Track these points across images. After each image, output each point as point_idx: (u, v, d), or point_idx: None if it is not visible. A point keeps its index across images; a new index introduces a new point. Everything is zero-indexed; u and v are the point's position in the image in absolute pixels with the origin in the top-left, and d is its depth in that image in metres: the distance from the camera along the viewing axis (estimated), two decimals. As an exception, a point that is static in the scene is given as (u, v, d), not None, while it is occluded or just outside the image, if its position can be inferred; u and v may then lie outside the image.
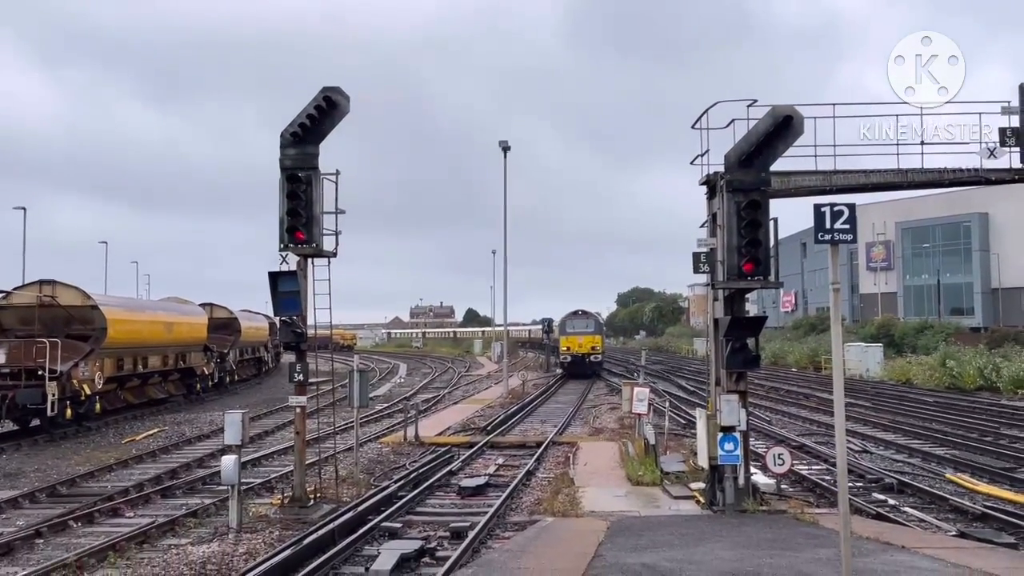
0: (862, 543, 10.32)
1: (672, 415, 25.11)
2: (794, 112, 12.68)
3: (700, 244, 13.74)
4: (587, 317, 51.62)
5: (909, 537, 11.13)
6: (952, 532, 12.44)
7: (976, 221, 77.45)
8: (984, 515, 13.38)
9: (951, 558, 9.68)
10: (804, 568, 8.99)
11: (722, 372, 13.35)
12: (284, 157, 13.90)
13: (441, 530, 12.69)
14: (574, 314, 51.61)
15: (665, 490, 14.90)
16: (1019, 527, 12.45)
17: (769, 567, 9.06)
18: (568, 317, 51.74)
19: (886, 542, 10.47)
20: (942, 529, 12.70)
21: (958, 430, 24.46)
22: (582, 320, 51.08)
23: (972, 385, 38.26)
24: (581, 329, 50.39)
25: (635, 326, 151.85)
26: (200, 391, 36.97)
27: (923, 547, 10.33)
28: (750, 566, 9.12)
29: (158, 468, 18.92)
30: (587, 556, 9.72)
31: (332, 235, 14.28)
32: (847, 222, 7.15)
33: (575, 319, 51.17)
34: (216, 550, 11.24)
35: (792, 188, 13.71)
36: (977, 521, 13.26)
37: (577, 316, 51.40)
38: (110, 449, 22.03)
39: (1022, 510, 13.76)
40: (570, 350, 50.08)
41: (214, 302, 42.33)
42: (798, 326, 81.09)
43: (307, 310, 14.18)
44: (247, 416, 13.70)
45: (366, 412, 28.63)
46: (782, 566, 9.10)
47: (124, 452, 21.25)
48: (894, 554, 9.85)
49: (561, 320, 52.95)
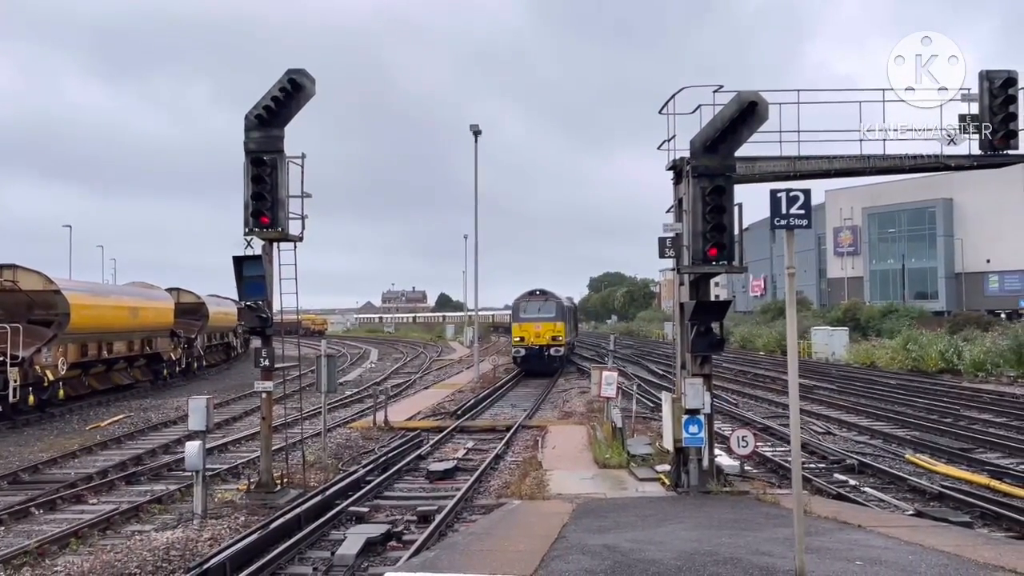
0: (819, 522, 10.55)
1: (640, 398, 25.34)
2: (759, 98, 12.79)
3: (666, 229, 13.86)
4: (546, 299, 40.89)
5: (866, 516, 11.39)
6: (909, 512, 12.74)
7: (941, 207, 78.86)
8: (941, 495, 13.71)
9: (905, 536, 9.93)
10: (761, 547, 9.18)
11: (687, 356, 13.51)
12: (249, 140, 13.80)
13: (408, 514, 12.75)
14: (531, 295, 41.21)
15: (632, 472, 15.07)
16: (974, 506, 12.76)
17: (728, 546, 9.24)
18: (523, 299, 41.29)
19: (843, 521, 10.72)
20: (900, 508, 13.00)
21: (919, 412, 24.98)
22: (540, 303, 40.74)
23: (934, 368, 39.04)
24: (538, 314, 40.28)
25: (607, 311, 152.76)
26: (167, 377, 36.69)
27: (879, 526, 10.58)
28: (709, 545, 9.29)
29: (123, 455, 18.78)
30: (550, 538, 9.84)
31: (298, 219, 14.21)
32: (802, 207, 7.28)
33: (531, 301, 40.91)
34: (180, 536, 11.20)
35: (757, 173, 13.85)
36: (934, 501, 13.59)
37: (534, 297, 41.00)
38: (74, 436, 21.79)
39: (978, 490, 14.13)
40: (524, 341, 40.11)
41: (181, 287, 41.98)
42: (767, 310, 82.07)
43: (273, 295, 14.11)
44: (212, 402, 13.63)
45: (335, 397, 28.58)
46: (740, 545, 9.28)
47: (88, 439, 21.04)
48: (850, 533, 10.09)
49: (515, 303, 42.06)
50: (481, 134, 38.21)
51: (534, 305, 40.77)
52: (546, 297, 41.12)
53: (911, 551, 9.17)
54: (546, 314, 40.39)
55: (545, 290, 41.59)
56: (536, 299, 41.08)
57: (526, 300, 41.21)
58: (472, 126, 38.13)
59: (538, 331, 40.04)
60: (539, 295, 41.14)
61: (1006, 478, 15.06)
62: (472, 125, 38.12)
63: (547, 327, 40.06)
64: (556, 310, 40.63)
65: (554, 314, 40.42)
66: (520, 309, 41.17)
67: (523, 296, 41.62)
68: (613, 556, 8.95)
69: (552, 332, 40.05)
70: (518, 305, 41.47)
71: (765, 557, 8.78)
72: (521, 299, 41.56)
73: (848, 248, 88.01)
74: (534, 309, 40.63)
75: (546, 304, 40.74)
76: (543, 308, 40.58)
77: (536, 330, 40.05)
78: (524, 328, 40.39)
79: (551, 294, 41.52)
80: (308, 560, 10.64)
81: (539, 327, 39.99)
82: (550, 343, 39.90)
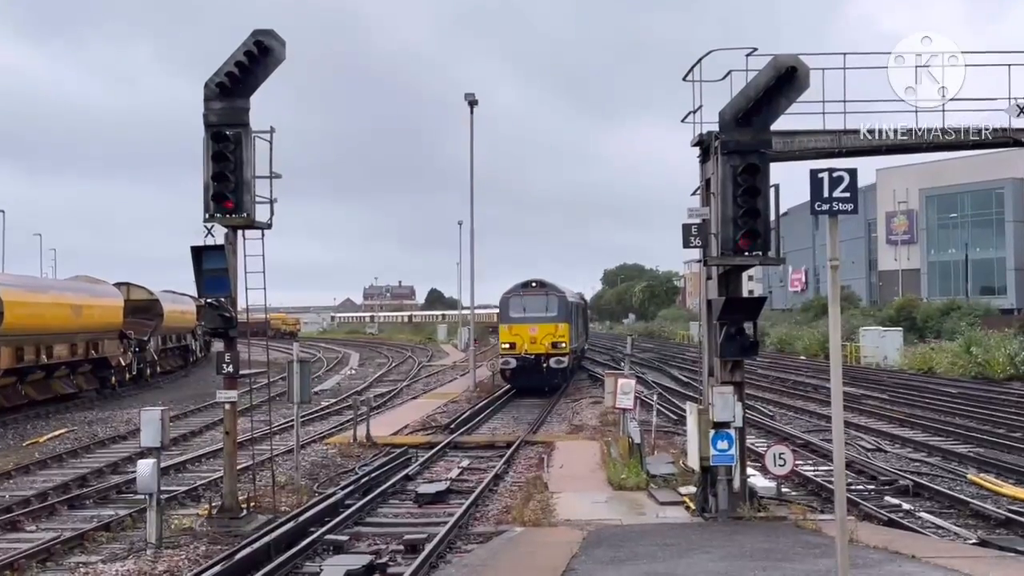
0: (867, 552, 10.59)
1: (661, 410, 25.43)
2: (798, 63, 12.82)
3: (691, 214, 13.90)
4: (546, 292, 36.28)
5: (921, 546, 11.44)
6: (971, 540, 12.79)
7: (1010, 188, 78.73)
8: (1008, 520, 13.76)
9: (966, 568, 9.98)
10: (800, 581, 9.23)
11: (716, 361, 13.57)
12: (209, 112, 13.81)
13: (394, 543, 12.79)
14: (524, 287, 36.72)
15: (651, 495, 15.14)
16: (1047, 534, 12.82)
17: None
18: (514, 293, 36.60)
19: (895, 551, 10.76)
20: (960, 536, 13.05)
21: (984, 425, 25.03)
22: (537, 298, 36.01)
23: (1002, 374, 39.09)
24: (534, 313, 35.59)
25: (623, 309, 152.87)
26: (116, 385, 36.71)
27: (936, 556, 10.63)
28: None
29: (65, 474, 18.84)
30: (557, 571, 9.90)
31: (266, 203, 14.21)
32: (847, 189, 7.30)
33: (525, 296, 36.15)
34: (132, 568, 11.27)
35: (796, 150, 13.89)
36: (1000, 527, 13.64)
37: (529, 291, 36.36)
38: (9, 453, 21.86)
39: (1051, 515, 14.15)
40: (515, 348, 35.09)
41: (131, 282, 42.07)
42: (808, 308, 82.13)
43: (237, 290, 14.13)
44: (167, 414, 13.67)
45: (310, 409, 28.65)
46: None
47: (25, 456, 21.10)
48: (902, 564, 10.14)
49: (503, 298, 37.15)
50: (477, 104, 38.29)
51: (529, 301, 35.94)
52: (545, 290, 36.49)
53: (973, 586, 9.22)
54: (545, 313, 35.63)
55: (544, 281, 37.31)
56: (532, 293, 36.29)
57: (518, 294, 36.31)
58: (467, 95, 38.22)
59: (533, 335, 34.90)
60: (535, 287, 36.61)
61: (1084, 502, 15.10)
62: (467, 94, 38.23)
63: (546, 330, 35.05)
64: (558, 307, 35.84)
65: (555, 313, 35.65)
66: (509, 306, 36.26)
67: (514, 289, 36.80)
68: (629, 591, 9.00)
69: (552, 337, 35.01)
70: (507, 301, 36.51)
71: (804, 592, 8.83)
72: (511, 293, 36.60)
73: (903, 236, 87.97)
74: (529, 306, 35.81)
75: (545, 299, 36.03)
76: (540, 305, 35.83)
77: (531, 334, 34.91)
78: (515, 331, 35.31)
79: (552, 286, 37.01)
80: (278, 596, 10.70)
81: (535, 330, 35.01)
82: (550, 352, 34.85)
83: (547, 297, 36.14)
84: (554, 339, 35.05)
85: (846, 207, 7.34)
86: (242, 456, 16.57)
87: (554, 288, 37.02)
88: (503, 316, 36.70)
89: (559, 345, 35.08)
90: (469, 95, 38.24)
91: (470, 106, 38.26)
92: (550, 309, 35.75)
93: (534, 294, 36.23)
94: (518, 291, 36.54)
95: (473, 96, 38.22)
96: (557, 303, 36.02)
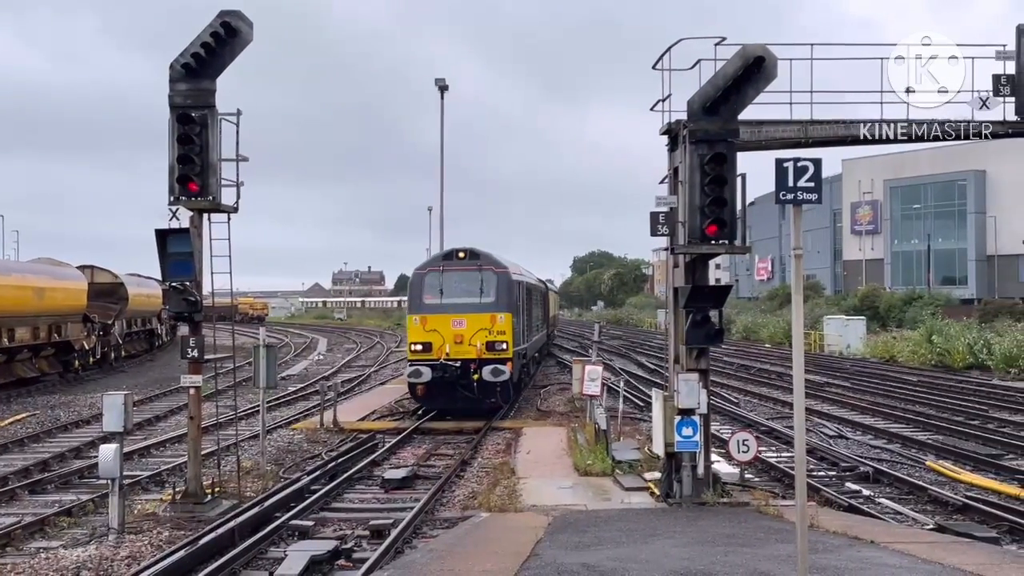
0: (827, 538, 10.74)
1: (628, 396, 25.54)
2: (766, 52, 12.86)
3: (659, 203, 13.94)
4: (478, 266, 24.43)
5: (880, 531, 11.61)
6: (929, 525, 12.99)
7: (972, 180, 79.90)
8: (966, 507, 13.99)
9: (923, 554, 10.14)
10: (760, 566, 9.33)
11: (681, 348, 13.63)
12: (174, 93, 13.68)
13: (360, 528, 12.78)
14: (447, 259, 25.02)
15: (616, 481, 15.22)
16: (1003, 520, 13.04)
17: (722, 564, 9.39)
18: (430, 268, 24.85)
19: (854, 536, 10.91)
20: (918, 522, 13.26)
21: (943, 413, 25.43)
22: (466, 275, 24.43)
23: (961, 363, 39.73)
24: (461, 298, 24.11)
25: (593, 296, 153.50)
26: (79, 369, 36.37)
27: (894, 542, 10.79)
28: (701, 564, 9.44)
29: (26, 459, 18.63)
30: (521, 556, 9.93)
31: (232, 186, 14.13)
32: (812, 179, 7.35)
33: (447, 272, 24.41)
34: (93, 554, 11.16)
35: (763, 140, 13.96)
36: (958, 513, 13.87)
37: (453, 265, 24.53)
38: (-31, 437, 21.54)
39: (1008, 501, 14.43)
40: (430, 351, 23.44)
41: (96, 264, 41.78)
42: (773, 297, 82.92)
43: (203, 275, 14.02)
44: (131, 398, 13.53)
45: (276, 394, 28.49)
46: (737, 564, 9.43)
47: (-15, 441, 20.80)
48: (861, 549, 10.28)
49: (414, 275, 25.46)
50: (448, 89, 38.10)
51: (453, 280, 24.15)
52: (478, 263, 24.30)
53: (929, 571, 9.38)
54: (477, 298, 23.91)
55: (477, 250, 24.74)
56: (457, 267, 24.30)
57: (436, 270, 24.37)
58: (438, 80, 38.04)
59: (459, 331, 23.33)
60: (464, 259, 24.37)
61: (1038, 488, 15.40)
62: (438, 79, 38.04)
63: (478, 323, 23.41)
64: (497, 289, 24.00)
65: (493, 298, 23.86)
66: (424, 287, 24.19)
67: (432, 262, 25.43)
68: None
69: (488, 334, 23.41)
70: (421, 280, 24.40)
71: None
72: (427, 268, 24.69)
73: (867, 226, 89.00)
74: (453, 287, 24.05)
75: (478, 278, 24.12)
76: (471, 286, 24.08)
77: (455, 329, 23.33)
78: (430, 325, 23.42)
79: (488, 258, 24.70)
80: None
81: (461, 323, 23.38)
82: (483, 355, 23.19)
83: (481, 274, 24.06)
84: (490, 337, 23.34)
85: (810, 196, 7.40)
86: (207, 441, 16.46)
87: (491, 261, 24.63)
88: (413, 302, 24.30)
89: (498, 346, 23.33)
90: (440, 80, 38.04)
91: (440, 92, 38.08)
92: (486, 292, 23.87)
93: (461, 269, 24.18)
94: (437, 264, 24.69)
95: (444, 81, 38.02)
96: (496, 284, 23.98)
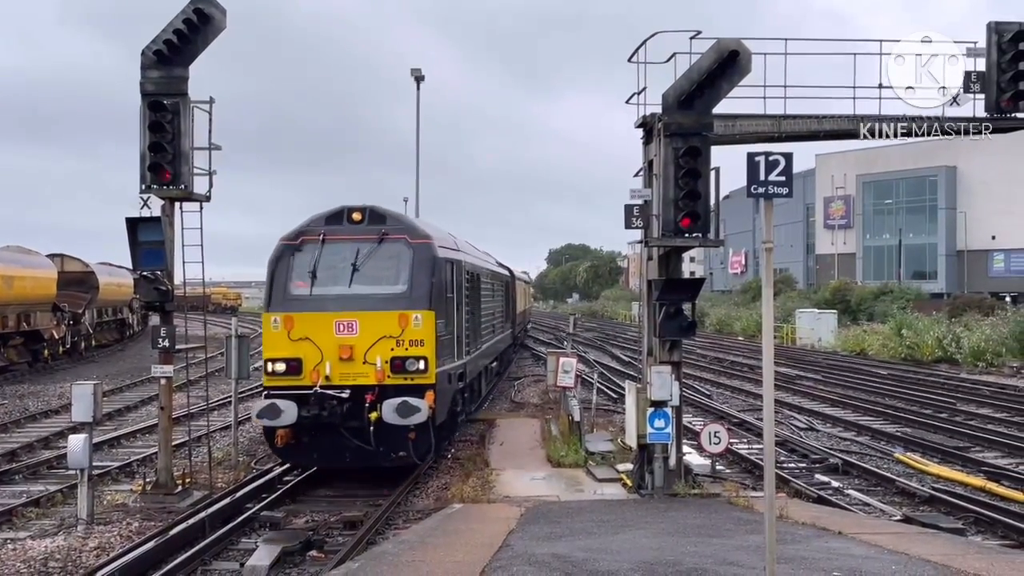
0: (795, 529, 10.85)
1: (602, 388, 25.64)
2: (740, 47, 12.90)
3: (633, 195, 13.97)
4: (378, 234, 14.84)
5: (848, 522, 11.75)
6: (896, 516, 13.17)
7: (943, 176, 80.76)
8: (932, 498, 14.20)
9: (889, 544, 10.27)
10: (729, 556, 9.42)
11: (654, 340, 13.69)
12: (146, 81, 13.61)
13: (332, 519, 12.77)
14: (332, 220, 15.09)
15: (589, 472, 15.28)
16: (968, 511, 13.23)
17: (692, 555, 9.46)
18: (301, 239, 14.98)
19: (822, 528, 11.04)
20: (886, 513, 13.43)
21: (912, 405, 25.74)
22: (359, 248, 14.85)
23: (930, 357, 40.19)
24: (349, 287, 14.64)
25: (568, 288, 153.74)
26: (48, 358, 36.03)
27: (861, 533, 10.93)
28: (672, 554, 9.51)
29: (-6, 449, 18.41)
30: (493, 546, 9.96)
31: (205, 175, 14.04)
32: (783, 173, 7.40)
33: (330, 242, 14.86)
34: (61, 544, 11.08)
35: (737, 134, 14.01)
36: (925, 505, 14.07)
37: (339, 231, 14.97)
38: (-65, 427, 21.26)
39: (974, 493, 14.65)
40: (298, 373, 14.04)
41: (66, 253, 41.23)
42: (747, 290, 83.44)
43: (174, 264, 13.93)
44: (101, 388, 13.43)
45: (248, 385, 28.29)
46: (706, 554, 9.51)
47: (-48, 431, 20.56)
48: (829, 540, 10.40)
49: (278, 248, 15.00)
50: (424, 79, 37.84)
51: (338, 257, 15.03)
52: (381, 230, 15.04)
53: (895, 561, 9.50)
54: (377, 286, 14.83)
55: (381, 210, 15.42)
56: (347, 235, 15.10)
57: (313, 239, 15.00)
58: (414, 70, 37.71)
59: (346, 341, 14.21)
60: (359, 222, 15.13)
61: (1004, 480, 15.65)
62: (414, 69, 37.68)
63: (376, 326, 14.29)
64: (410, 271, 14.85)
65: (404, 285, 14.81)
66: (290, 269, 14.96)
67: (306, 228, 15.25)
68: (563, 567, 9.11)
69: (392, 346, 14.25)
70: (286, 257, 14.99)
71: (733, 568, 9.02)
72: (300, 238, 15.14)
73: (840, 220, 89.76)
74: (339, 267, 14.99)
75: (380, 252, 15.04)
76: (371, 263, 14.97)
77: (339, 338, 14.21)
78: (299, 329, 14.29)
79: (398, 222, 15.55)
80: (213, 572, 10.63)
81: (349, 328, 14.27)
82: (386, 381, 14.13)
83: (386, 246, 15.04)
84: (399, 350, 14.27)
85: (781, 190, 7.45)
86: (179, 432, 16.36)
87: (405, 226, 15.59)
88: (274, 293, 14.91)
89: (410, 365, 14.31)
90: (415, 70, 37.71)
91: (416, 82, 37.78)
92: (393, 276, 15.03)
93: (353, 238, 15.07)
94: (315, 230, 15.15)
95: (420, 72, 37.73)
96: (411, 263, 14.91)
